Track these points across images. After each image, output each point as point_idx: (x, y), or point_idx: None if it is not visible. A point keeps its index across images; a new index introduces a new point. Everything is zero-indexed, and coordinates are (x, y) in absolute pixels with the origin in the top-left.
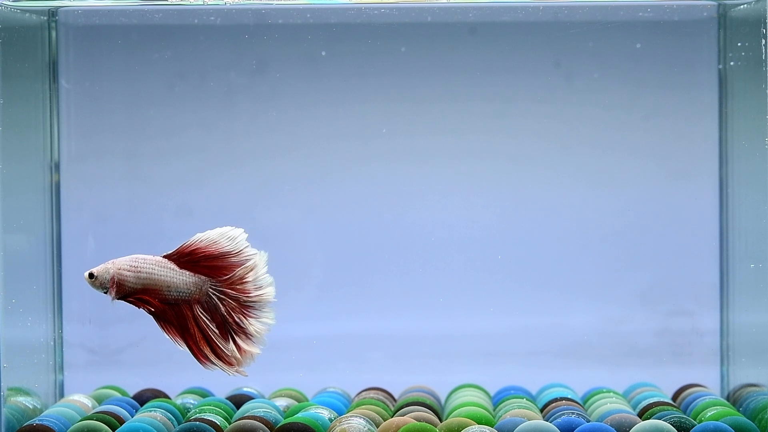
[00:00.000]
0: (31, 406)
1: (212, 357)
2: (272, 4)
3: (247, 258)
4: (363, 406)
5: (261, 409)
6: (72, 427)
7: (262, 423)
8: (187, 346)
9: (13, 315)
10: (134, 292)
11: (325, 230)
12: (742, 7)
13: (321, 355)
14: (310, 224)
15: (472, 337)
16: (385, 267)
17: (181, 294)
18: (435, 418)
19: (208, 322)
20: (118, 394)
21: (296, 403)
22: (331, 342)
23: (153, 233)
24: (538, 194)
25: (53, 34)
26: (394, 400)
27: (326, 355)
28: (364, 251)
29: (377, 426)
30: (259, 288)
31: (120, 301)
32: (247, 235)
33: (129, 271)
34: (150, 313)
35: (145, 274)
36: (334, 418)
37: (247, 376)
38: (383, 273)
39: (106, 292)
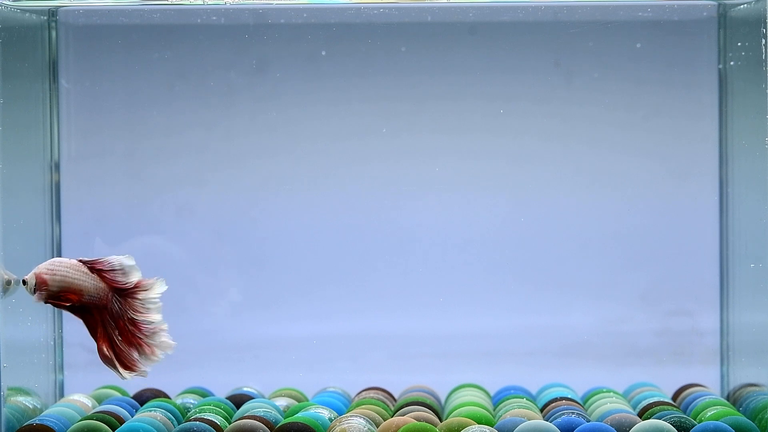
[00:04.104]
0: (31, 406)
1: (113, 358)
2: (272, 4)
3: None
4: (363, 406)
5: (261, 409)
6: (72, 427)
7: (262, 423)
8: (98, 348)
9: (13, 315)
10: (55, 294)
11: (325, 230)
12: (742, 7)
13: (321, 355)
14: (309, 224)
15: (472, 337)
16: (385, 267)
17: (92, 298)
18: (435, 418)
19: (114, 326)
20: (118, 394)
21: (296, 403)
22: (331, 342)
23: (153, 233)
24: (538, 194)
25: (53, 34)
26: (394, 400)
27: (326, 355)
28: (364, 251)
29: (377, 426)
30: (148, 310)
31: (45, 303)
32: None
33: (47, 273)
34: (71, 311)
35: (59, 277)
36: (334, 418)
37: (146, 376)
38: (383, 273)
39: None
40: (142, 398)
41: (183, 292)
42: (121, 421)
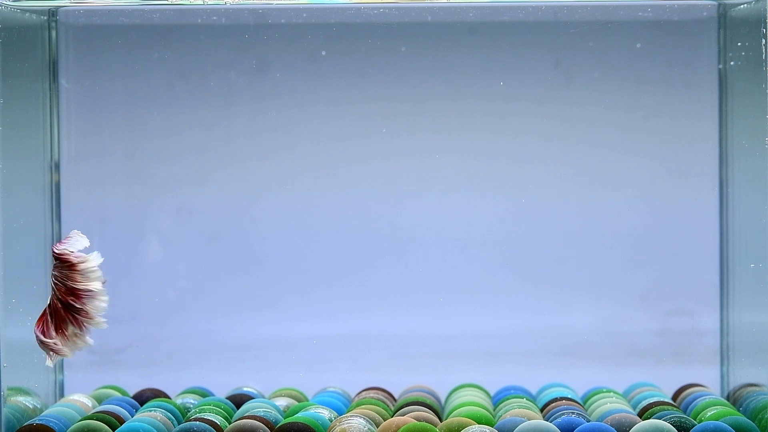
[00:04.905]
0: (31, 406)
1: (42, 336)
2: (272, 4)
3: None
4: (363, 406)
5: (261, 409)
6: (72, 427)
7: (262, 423)
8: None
9: (13, 315)
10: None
11: (325, 230)
12: (742, 7)
13: (321, 355)
14: (309, 224)
15: (472, 337)
16: (385, 267)
17: None
18: (435, 418)
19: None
20: (118, 394)
21: (296, 402)
22: (331, 342)
23: (153, 233)
24: (539, 194)
25: (53, 34)
26: (394, 399)
27: (326, 355)
28: (364, 251)
29: (377, 426)
30: (88, 279)
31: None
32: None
33: None
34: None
35: None
36: (334, 418)
37: (70, 356)
38: (383, 273)
39: None
40: (142, 398)
41: (183, 292)
42: (121, 421)
